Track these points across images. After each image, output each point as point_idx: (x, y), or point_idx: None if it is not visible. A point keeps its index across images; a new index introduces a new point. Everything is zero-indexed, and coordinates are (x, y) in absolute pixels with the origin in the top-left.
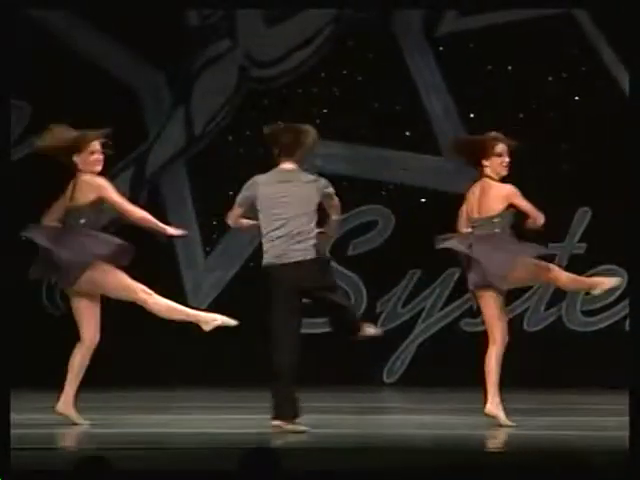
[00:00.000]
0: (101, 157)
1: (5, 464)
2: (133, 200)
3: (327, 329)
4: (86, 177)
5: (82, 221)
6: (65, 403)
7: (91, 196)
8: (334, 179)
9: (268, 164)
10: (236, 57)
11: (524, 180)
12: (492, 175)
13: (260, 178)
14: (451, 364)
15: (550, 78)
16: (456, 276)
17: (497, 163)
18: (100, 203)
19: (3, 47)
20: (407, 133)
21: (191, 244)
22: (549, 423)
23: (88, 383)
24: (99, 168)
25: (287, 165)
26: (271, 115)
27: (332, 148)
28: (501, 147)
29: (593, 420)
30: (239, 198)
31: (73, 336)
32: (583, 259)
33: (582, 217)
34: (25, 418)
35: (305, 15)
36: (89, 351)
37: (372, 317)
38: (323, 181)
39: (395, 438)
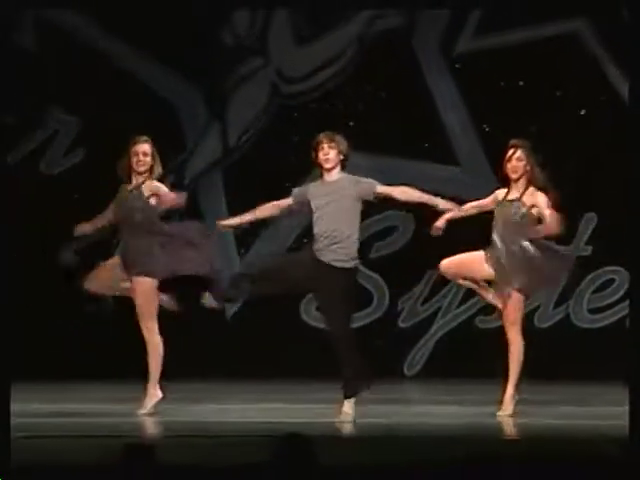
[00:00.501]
0: None
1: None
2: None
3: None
4: None
5: None
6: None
7: None
8: None
9: (296, 172)
10: (267, 74)
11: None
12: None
13: None
14: (467, 358)
15: (558, 93)
16: None
17: (509, 168)
18: None
19: (56, 66)
20: (426, 145)
21: (227, 246)
22: (560, 413)
23: (133, 375)
24: None
25: None
26: (300, 128)
27: (356, 159)
28: (513, 153)
29: (598, 410)
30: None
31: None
32: (589, 260)
33: (588, 222)
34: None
35: (331, 35)
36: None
37: (394, 314)
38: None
39: (416, 427)
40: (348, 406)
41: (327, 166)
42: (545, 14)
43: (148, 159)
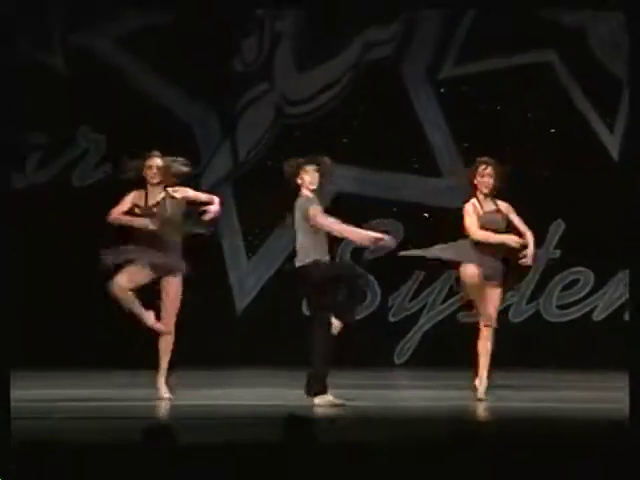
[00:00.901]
0: None
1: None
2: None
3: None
4: None
5: None
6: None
7: None
8: (353, 198)
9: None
10: (273, 97)
11: (511, 198)
12: (480, 192)
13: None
14: (449, 349)
15: (530, 115)
16: (453, 277)
17: (481, 183)
18: None
19: (86, 89)
20: (413, 159)
21: (236, 249)
22: (530, 397)
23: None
24: None
25: None
26: (301, 145)
27: (352, 172)
28: (484, 169)
29: (562, 394)
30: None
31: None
32: (558, 262)
33: (556, 228)
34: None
35: (329, 63)
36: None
37: (385, 310)
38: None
39: (404, 409)
40: (317, 399)
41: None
42: (519, 45)
43: (161, 172)
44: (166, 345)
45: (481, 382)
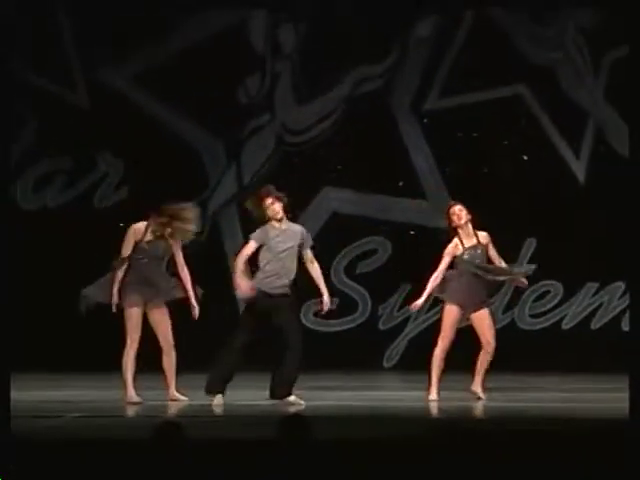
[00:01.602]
0: None
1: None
2: (199, 233)
3: (343, 327)
4: None
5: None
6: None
7: None
8: (346, 217)
9: (296, 207)
10: (274, 127)
11: (490, 219)
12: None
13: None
14: (431, 355)
15: (505, 142)
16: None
17: (453, 220)
18: None
19: (105, 119)
20: (400, 183)
21: None
22: (507, 397)
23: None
24: None
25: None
26: (300, 170)
27: (344, 194)
28: (453, 206)
29: (537, 395)
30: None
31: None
32: (530, 276)
33: (529, 245)
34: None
35: (325, 97)
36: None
37: (375, 319)
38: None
39: (393, 409)
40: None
41: (278, 217)
42: (494, 80)
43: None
44: (169, 363)
45: (477, 385)
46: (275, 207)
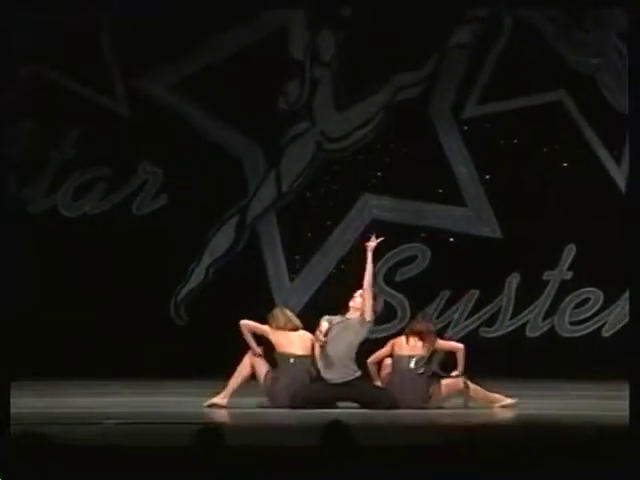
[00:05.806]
0: None
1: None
2: (237, 241)
3: (382, 335)
4: None
5: None
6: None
7: None
8: (386, 224)
9: (336, 214)
10: (313, 134)
11: (530, 225)
12: None
13: None
14: (472, 361)
15: (545, 149)
16: (476, 296)
17: None
18: None
19: (145, 128)
20: (440, 190)
21: (280, 273)
22: (545, 405)
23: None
24: None
25: None
26: (338, 177)
27: (384, 201)
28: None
29: (584, 403)
30: None
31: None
32: (570, 283)
33: (569, 252)
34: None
35: (364, 104)
36: None
37: None
38: None
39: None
40: None
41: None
42: (534, 87)
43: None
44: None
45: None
46: None
